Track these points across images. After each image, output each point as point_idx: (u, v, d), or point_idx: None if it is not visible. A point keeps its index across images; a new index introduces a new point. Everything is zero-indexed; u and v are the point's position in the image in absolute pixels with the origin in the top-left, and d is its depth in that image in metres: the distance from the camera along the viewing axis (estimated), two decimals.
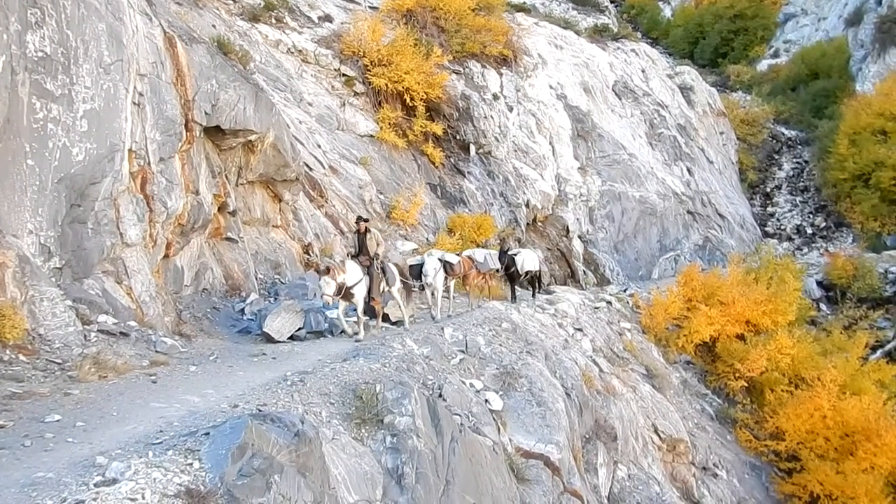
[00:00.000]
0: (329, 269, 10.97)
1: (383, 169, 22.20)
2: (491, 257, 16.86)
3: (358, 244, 12.40)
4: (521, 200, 26.73)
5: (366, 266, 11.91)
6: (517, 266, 17.94)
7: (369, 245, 12.24)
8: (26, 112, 9.68)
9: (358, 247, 12.37)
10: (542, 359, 13.19)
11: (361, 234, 12.40)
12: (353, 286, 11.41)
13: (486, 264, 16.49)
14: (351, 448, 7.33)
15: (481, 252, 16.96)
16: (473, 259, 16.23)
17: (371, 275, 11.88)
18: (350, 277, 11.39)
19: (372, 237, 12.34)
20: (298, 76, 22.38)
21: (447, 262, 14.63)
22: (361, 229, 12.43)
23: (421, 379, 9.50)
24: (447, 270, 14.55)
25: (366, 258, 12.11)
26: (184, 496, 4.59)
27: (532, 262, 18.54)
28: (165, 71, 12.40)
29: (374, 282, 11.86)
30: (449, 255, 15.14)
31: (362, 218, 12.77)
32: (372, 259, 12.08)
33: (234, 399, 7.50)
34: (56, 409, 6.87)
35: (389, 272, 12.52)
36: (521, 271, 18.06)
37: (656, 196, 33.82)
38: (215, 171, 13.92)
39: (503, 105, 28.83)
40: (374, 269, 12.01)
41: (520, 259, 18.11)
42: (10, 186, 9.54)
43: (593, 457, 13.41)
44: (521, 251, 18.81)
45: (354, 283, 11.44)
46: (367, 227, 12.45)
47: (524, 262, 18.14)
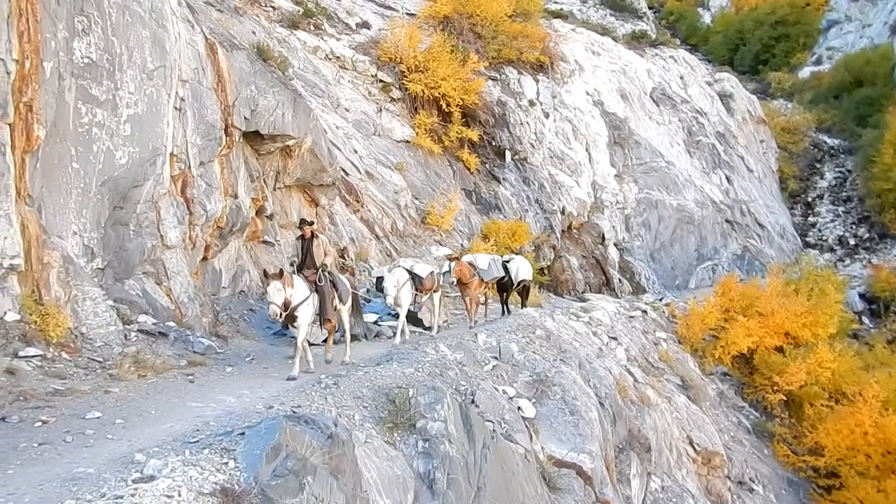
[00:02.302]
0: (282, 273, 9.12)
1: (419, 174, 22.28)
2: (495, 264, 14.86)
3: (302, 253, 10.30)
4: (557, 207, 26.59)
5: (312, 282, 9.86)
6: (511, 274, 15.97)
7: (316, 254, 10.21)
8: (72, 116, 9.95)
9: (302, 256, 10.28)
10: (575, 367, 13.07)
11: (306, 240, 10.34)
12: (298, 306, 9.32)
13: (490, 272, 14.47)
14: (383, 452, 7.34)
15: (484, 257, 14.88)
16: (475, 266, 14.27)
17: (321, 291, 9.88)
18: (296, 295, 9.31)
19: (319, 244, 10.35)
20: (336, 82, 22.62)
21: (415, 275, 12.55)
22: (306, 234, 10.37)
23: (454, 384, 9.48)
24: (417, 285, 12.51)
25: (311, 271, 10.05)
26: (219, 495, 4.65)
27: (526, 271, 16.60)
28: (206, 77, 12.63)
29: (326, 299, 9.88)
30: (420, 266, 12.97)
31: (306, 221, 10.71)
32: (319, 271, 10.07)
33: (269, 400, 7.59)
34: (97, 407, 7.03)
35: (342, 286, 10.51)
36: (515, 280, 16.11)
37: (694, 204, 33.35)
38: (254, 176, 14.12)
39: (539, 111, 28.74)
40: (325, 283, 9.98)
41: (514, 266, 16.11)
42: (56, 189, 9.81)
43: (626, 467, 13.22)
44: (514, 257, 16.71)
45: (300, 302, 9.35)
46: (312, 233, 10.43)
47: (518, 270, 16.18)
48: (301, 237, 10.43)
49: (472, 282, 13.95)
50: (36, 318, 8.85)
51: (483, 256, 14.90)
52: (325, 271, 10.04)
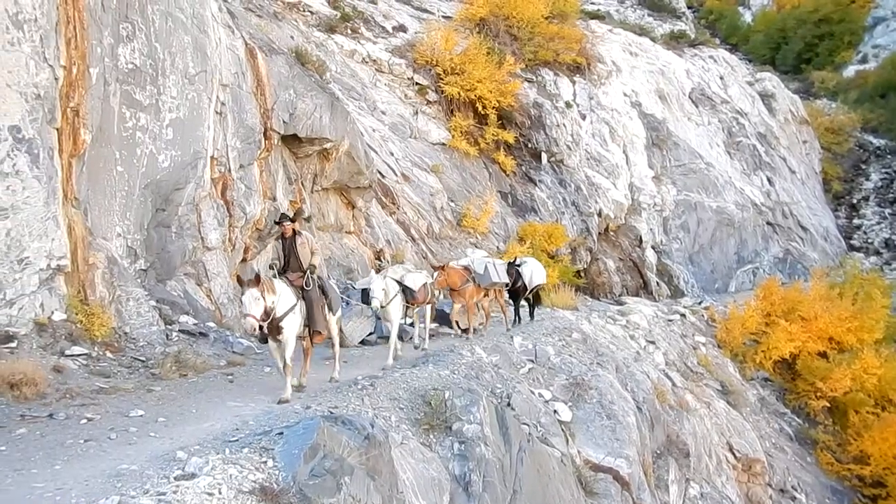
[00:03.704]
0: (258, 280, 7.54)
1: (454, 177, 22.31)
2: (496, 268, 13.20)
3: (284, 254, 8.69)
4: (593, 209, 26.36)
5: (299, 287, 8.35)
6: (524, 279, 14.47)
7: (301, 254, 8.61)
8: (117, 121, 10.20)
9: (285, 258, 8.68)
10: (612, 371, 12.94)
11: (287, 239, 8.72)
12: (283, 317, 7.87)
13: (488, 277, 12.79)
14: (419, 453, 7.36)
15: (482, 261, 13.23)
16: (471, 270, 12.72)
17: (309, 297, 8.36)
18: (280, 303, 7.83)
19: (304, 243, 8.71)
20: (372, 85, 22.78)
21: (406, 287, 11.08)
22: (287, 232, 8.70)
23: (489, 387, 9.46)
24: (408, 297, 11.07)
25: (297, 275, 8.50)
26: (258, 493, 4.72)
27: (541, 275, 15.02)
28: (246, 81, 12.84)
29: (315, 306, 8.37)
30: (412, 276, 11.46)
31: (287, 216, 8.94)
32: (307, 275, 8.49)
33: (307, 400, 7.67)
34: (139, 405, 7.18)
35: (332, 293, 9.01)
36: (529, 285, 14.60)
37: (734, 206, 32.77)
38: (292, 178, 14.30)
39: (576, 113, 28.54)
40: (314, 288, 8.47)
41: (527, 270, 14.57)
42: (101, 191, 10.06)
43: (664, 473, 13.06)
44: (527, 260, 15.16)
45: (285, 312, 7.89)
46: (295, 230, 8.75)
47: (533, 275, 14.64)
48: (281, 236, 8.82)
49: (465, 289, 12.40)
50: (81, 318, 9.09)
51: (480, 260, 13.30)
52: (313, 274, 8.50)
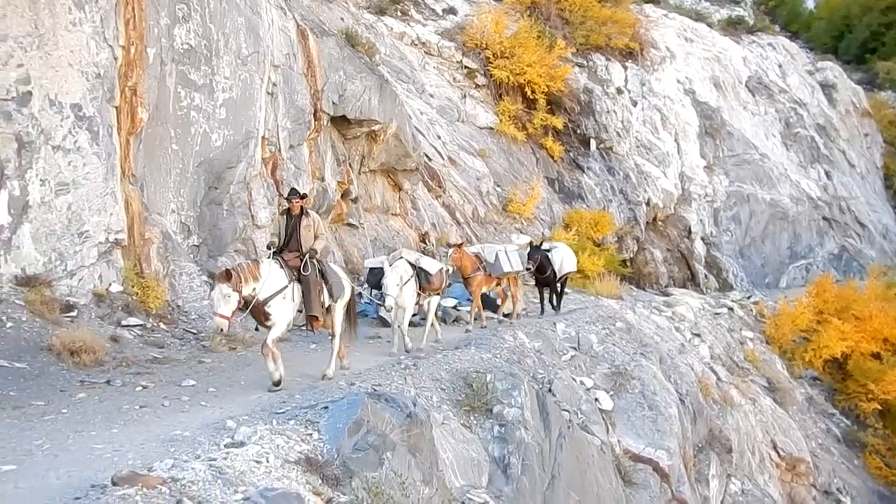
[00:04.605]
0: (229, 275, 6.95)
1: (501, 161, 22.23)
2: (508, 256, 12.53)
3: (286, 232, 8.18)
4: (642, 198, 25.98)
5: (294, 269, 7.81)
6: (553, 266, 13.69)
7: (303, 235, 8.09)
8: (172, 100, 10.48)
9: (286, 236, 8.17)
10: (656, 361, 12.83)
11: (294, 217, 8.20)
12: (269, 299, 7.33)
13: (499, 265, 12.20)
14: (459, 434, 7.45)
15: (492, 248, 12.70)
16: (481, 258, 12.22)
17: (306, 281, 7.79)
18: (266, 286, 7.32)
19: (309, 224, 8.18)
20: (421, 68, 22.80)
21: (422, 270, 10.34)
22: (294, 210, 8.20)
23: (531, 372, 9.49)
24: (422, 282, 10.33)
25: (294, 254, 7.95)
26: (303, 464, 4.85)
27: (571, 262, 14.28)
28: (297, 62, 13.00)
29: (311, 290, 7.79)
30: (428, 260, 10.69)
31: (297, 191, 8.45)
32: (306, 256, 7.93)
33: (351, 377, 7.82)
34: (191, 375, 7.42)
35: (334, 278, 8.30)
36: (559, 272, 13.86)
37: (789, 199, 31.88)
38: (340, 159, 14.47)
39: (627, 99, 28.09)
40: (311, 272, 7.89)
41: (557, 257, 13.78)
42: (157, 169, 10.36)
43: (705, 467, 12.94)
44: (556, 246, 14.30)
45: (271, 294, 7.35)
46: (302, 208, 8.26)
47: (563, 262, 13.88)
48: (287, 212, 8.29)
49: (476, 277, 11.89)
50: (137, 290, 9.41)
51: (492, 247, 12.75)
52: (312, 258, 7.99)
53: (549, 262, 13.49)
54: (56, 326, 7.93)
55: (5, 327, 7.57)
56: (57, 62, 8.82)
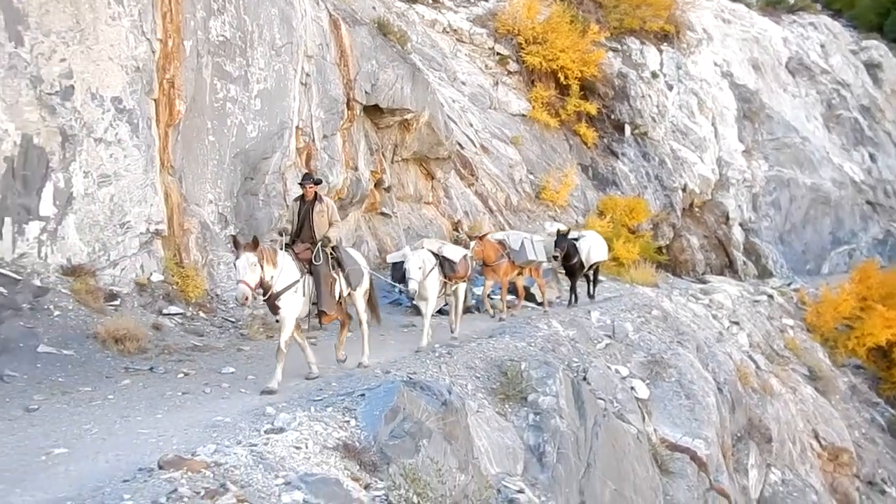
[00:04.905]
0: (256, 244, 6.69)
1: (534, 148, 22.09)
2: (533, 244, 12.22)
3: (299, 219, 7.81)
4: (678, 184, 25.61)
5: (306, 261, 7.43)
6: (581, 255, 13.32)
7: (316, 223, 7.68)
8: (208, 92, 10.62)
9: (298, 224, 7.81)
10: (693, 350, 12.71)
11: (307, 203, 7.79)
12: (281, 293, 7.00)
13: (524, 254, 11.91)
14: (494, 422, 7.48)
15: (517, 235, 12.36)
16: (506, 245, 11.89)
17: (318, 272, 7.40)
18: (280, 278, 6.99)
19: (322, 210, 7.75)
20: (453, 55, 22.71)
21: (445, 258, 9.94)
22: (308, 195, 7.79)
23: (566, 360, 9.47)
24: (446, 271, 9.95)
25: (305, 246, 7.58)
26: (341, 450, 4.93)
27: (600, 251, 13.93)
28: (330, 52, 13.06)
29: (322, 283, 7.39)
30: (451, 248, 10.33)
31: (310, 176, 8.06)
32: (318, 247, 7.53)
33: (386, 365, 7.90)
34: (230, 363, 7.58)
35: (351, 265, 7.95)
36: (587, 262, 13.49)
37: (831, 183, 31.11)
38: (373, 149, 14.53)
39: (662, 84, 27.64)
40: (323, 263, 7.46)
41: (584, 245, 13.45)
42: (195, 160, 10.53)
43: (744, 457, 12.82)
44: (585, 234, 14.00)
45: (283, 288, 7.01)
46: (316, 194, 7.85)
47: (591, 251, 13.53)
48: (301, 198, 7.87)
49: (500, 265, 11.54)
50: (177, 280, 9.61)
51: (517, 234, 12.41)
52: (325, 247, 7.57)
53: (576, 250, 13.22)
54: (100, 315, 8.15)
55: (53, 316, 7.81)
56: (97, 56, 9.01)
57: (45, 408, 5.91)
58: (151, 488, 3.89)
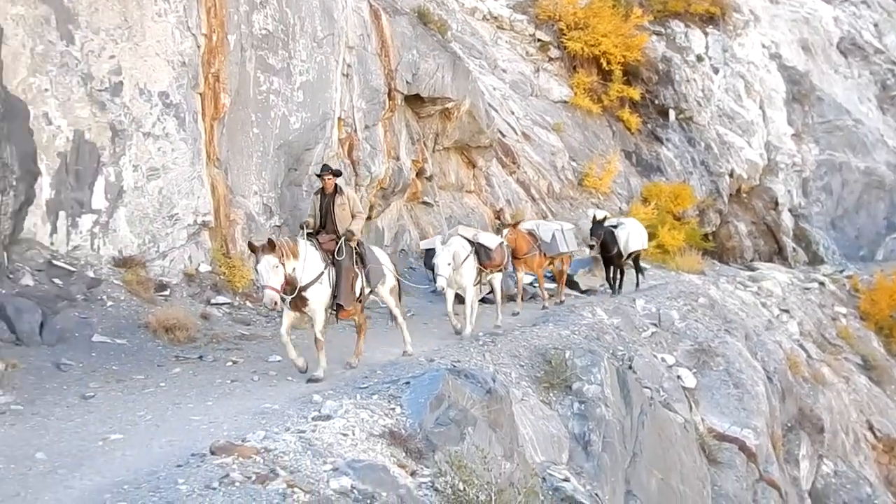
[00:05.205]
0: (273, 245, 6.53)
1: (576, 135, 21.85)
2: (565, 234, 11.83)
3: (321, 212, 7.57)
4: (725, 169, 25.09)
5: (330, 252, 7.21)
6: (619, 244, 12.87)
7: (338, 215, 7.45)
8: (252, 85, 10.75)
9: (320, 217, 7.57)
10: (741, 338, 12.49)
11: (328, 195, 7.56)
12: (308, 286, 6.87)
13: (555, 245, 11.51)
14: (539, 410, 7.46)
15: (549, 225, 11.97)
16: (536, 235, 11.50)
17: (339, 266, 7.16)
18: (305, 270, 6.83)
19: (344, 203, 7.52)
20: (493, 43, 22.57)
21: (481, 245, 9.65)
22: (328, 187, 7.55)
23: (611, 349, 9.39)
24: (482, 259, 9.63)
25: (329, 237, 7.36)
26: (387, 437, 4.98)
27: (639, 239, 13.34)
28: (371, 42, 13.10)
29: (343, 278, 7.14)
30: (486, 236, 10.01)
31: (329, 167, 7.77)
32: (340, 241, 7.30)
33: (430, 353, 7.94)
34: (277, 351, 7.70)
35: (373, 263, 7.71)
36: (625, 251, 13.01)
37: (885, 167, 30.05)
38: (414, 138, 14.55)
39: (708, 67, 27.04)
40: (346, 257, 7.25)
41: (623, 234, 12.93)
42: (240, 152, 10.69)
43: (795, 447, 12.58)
44: (623, 222, 13.48)
45: (310, 281, 6.88)
46: (337, 186, 7.59)
47: (629, 239, 12.98)
48: (321, 191, 7.64)
49: (531, 258, 11.27)
50: (224, 270, 9.80)
51: (548, 225, 11.93)
52: (349, 241, 7.34)
53: (614, 239, 12.77)
54: (151, 305, 8.36)
55: (106, 306, 8.04)
56: (145, 52, 9.20)
57: (100, 395, 6.09)
58: (204, 473, 3.98)
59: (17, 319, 6.97)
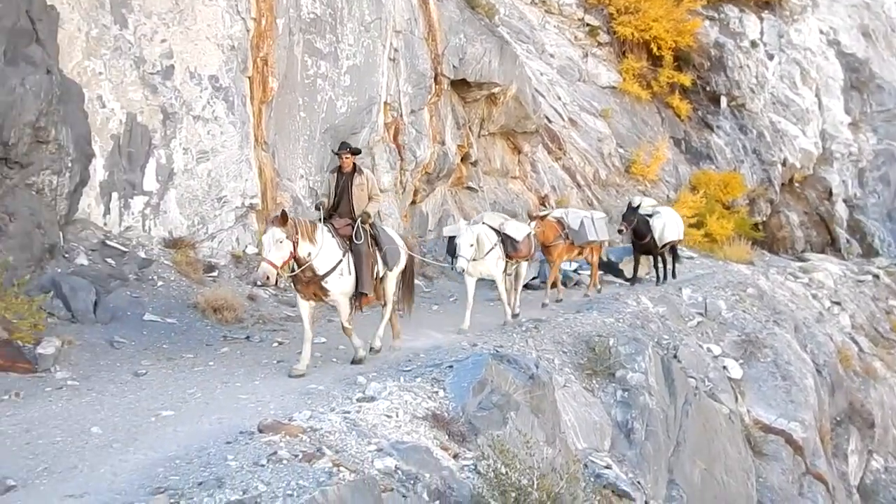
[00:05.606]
0: (285, 219, 6.19)
1: (624, 122, 21.49)
2: (594, 223, 11.45)
3: (336, 193, 7.20)
4: (777, 158, 24.41)
5: (346, 238, 6.86)
6: (654, 234, 12.39)
7: (355, 196, 7.10)
8: (300, 69, 10.85)
9: (336, 198, 7.20)
10: (790, 330, 12.23)
11: (345, 174, 7.18)
12: (328, 274, 6.56)
13: (583, 233, 11.10)
14: (581, 397, 7.43)
15: (577, 214, 11.54)
16: (564, 223, 11.11)
17: (357, 251, 6.84)
18: (322, 257, 6.51)
19: (362, 183, 7.15)
20: (541, 27, 22.27)
21: (507, 236, 9.24)
22: (345, 166, 7.18)
23: (655, 337, 9.29)
24: (508, 249, 9.25)
25: (345, 221, 7.01)
26: (430, 420, 5.01)
27: (675, 229, 12.83)
28: (418, 27, 13.08)
29: (363, 263, 6.82)
30: (512, 224, 9.58)
31: (348, 145, 7.37)
32: (357, 224, 6.96)
33: (473, 338, 7.95)
34: (321, 333, 7.80)
35: (389, 244, 7.33)
36: (660, 241, 12.50)
37: None
38: (460, 123, 14.51)
39: (762, 53, 26.26)
40: (364, 241, 6.91)
41: (658, 223, 12.43)
42: (287, 136, 10.81)
43: (844, 442, 12.34)
44: (660, 211, 12.90)
45: (329, 269, 6.56)
46: (355, 166, 7.23)
47: (665, 229, 12.48)
48: (338, 169, 7.24)
49: (557, 246, 10.77)
50: None
51: (576, 213, 11.55)
52: (364, 224, 7.00)
53: (648, 228, 12.29)
54: (200, 285, 8.53)
55: (157, 286, 8.23)
56: (195, 36, 9.34)
57: (152, 372, 6.26)
58: (253, 450, 4.07)
59: (73, 298, 7.17)
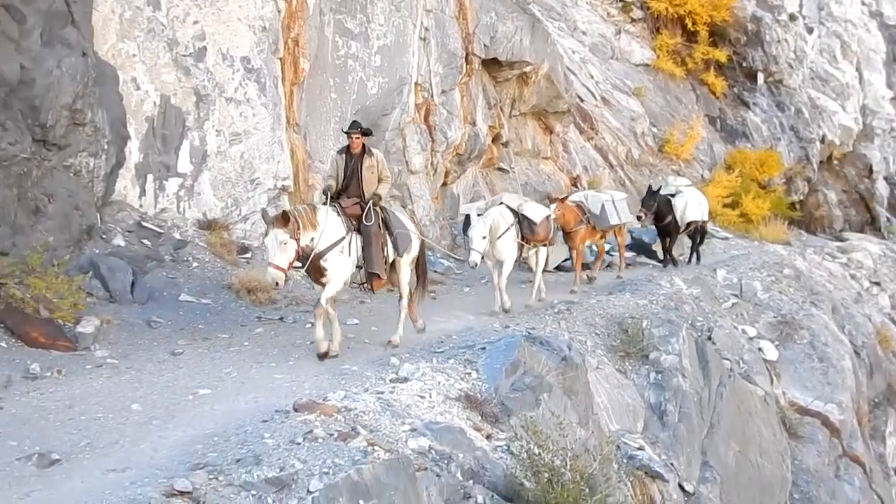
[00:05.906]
0: (286, 219, 5.97)
1: (657, 100, 21.11)
2: (616, 206, 11.06)
3: (345, 173, 6.94)
4: (815, 135, 23.80)
5: (353, 217, 6.67)
6: (675, 214, 12.00)
7: (365, 178, 6.87)
8: (330, 49, 10.84)
9: (344, 178, 6.94)
10: (828, 311, 12.02)
11: (354, 156, 6.91)
12: (326, 252, 6.31)
13: (605, 217, 10.68)
14: (614, 379, 7.41)
15: (597, 196, 11.08)
16: (585, 207, 10.70)
17: (367, 232, 6.66)
18: (324, 237, 6.29)
19: (372, 165, 6.91)
20: (573, 4, 21.91)
21: (525, 217, 8.93)
22: (355, 147, 6.90)
23: (689, 319, 9.19)
24: (524, 231, 8.93)
25: (353, 201, 6.80)
26: (463, 401, 5.05)
27: (697, 208, 12.36)
28: (449, 5, 12.96)
29: (372, 243, 6.62)
30: (531, 205, 9.25)
31: (358, 125, 7.04)
32: (368, 206, 6.74)
33: (505, 320, 7.94)
34: (354, 315, 7.89)
35: (399, 228, 7.06)
36: (682, 221, 12.12)
37: None
38: (491, 103, 14.39)
39: (801, 27, 25.56)
40: (374, 222, 6.69)
41: (680, 203, 12.07)
42: (318, 117, 10.83)
43: (882, 424, 12.20)
44: (682, 191, 12.55)
45: (328, 246, 6.31)
46: (365, 146, 6.98)
47: (686, 208, 12.08)
48: (347, 149, 6.98)
49: (579, 231, 10.43)
50: None
51: (596, 196, 11.07)
52: (376, 205, 6.80)
53: (670, 208, 11.88)
54: (234, 267, 8.65)
55: (192, 267, 8.36)
56: (227, 17, 9.38)
57: (188, 352, 6.37)
58: (288, 428, 4.14)
59: (111, 278, 7.30)
